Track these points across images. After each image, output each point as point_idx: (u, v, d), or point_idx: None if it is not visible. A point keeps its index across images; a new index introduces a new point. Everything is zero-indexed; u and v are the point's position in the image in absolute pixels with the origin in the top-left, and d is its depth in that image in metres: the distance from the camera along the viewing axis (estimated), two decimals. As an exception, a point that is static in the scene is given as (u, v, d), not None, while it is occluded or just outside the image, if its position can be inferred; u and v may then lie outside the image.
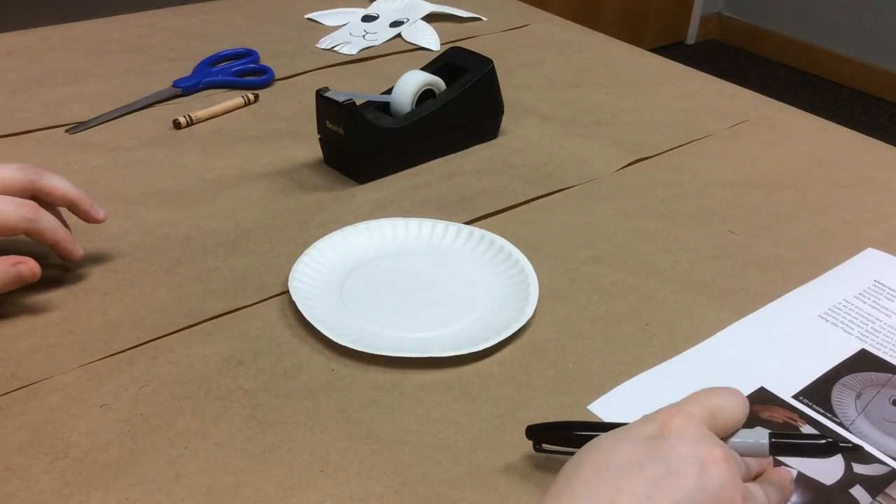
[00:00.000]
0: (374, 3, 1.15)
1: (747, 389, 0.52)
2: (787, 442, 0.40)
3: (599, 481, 0.35)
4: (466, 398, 0.51)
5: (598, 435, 0.40)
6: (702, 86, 0.97)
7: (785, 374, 0.53)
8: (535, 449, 0.45)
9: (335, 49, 1.02)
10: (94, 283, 0.60)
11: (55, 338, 0.55)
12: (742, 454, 0.40)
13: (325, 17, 1.13)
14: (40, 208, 0.56)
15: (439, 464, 0.46)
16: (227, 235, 0.66)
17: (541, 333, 0.56)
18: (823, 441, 0.39)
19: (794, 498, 0.45)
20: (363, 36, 1.06)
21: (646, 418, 0.39)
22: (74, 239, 0.59)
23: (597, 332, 0.57)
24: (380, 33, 1.06)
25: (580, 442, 0.40)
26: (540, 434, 0.45)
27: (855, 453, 0.43)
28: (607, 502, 0.34)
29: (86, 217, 0.60)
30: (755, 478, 0.42)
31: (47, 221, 0.56)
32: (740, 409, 0.40)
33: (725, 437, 0.40)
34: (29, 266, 0.55)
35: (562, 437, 0.44)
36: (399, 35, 1.07)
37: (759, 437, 0.40)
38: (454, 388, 0.52)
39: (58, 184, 0.58)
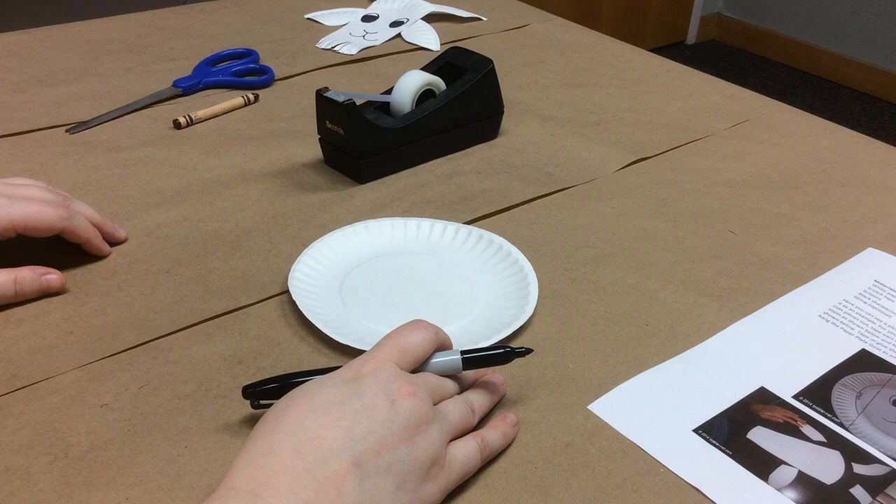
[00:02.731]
0: (374, 3, 1.15)
1: (747, 389, 0.52)
2: (474, 356, 0.48)
3: (307, 419, 0.40)
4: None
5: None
6: (702, 86, 0.97)
7: (785, 374, 0.53)
8: (253, 406, 0.48)
9: (335, 49, 1.02)
10: (94, 283, 0.60)
11: (55, 338, 0.55)
12: (442, 374, 0.47)
13: (325, 17, 1.13)
14: (73, 208, 0.61)
15: (439, 464, 0.46)
16: (227, 235, 0.66)
17: (541, 333, 0.56)
18: (502, 350, 0.48)
19: (795, 498, 0.45)
20: (363, 36, 1.06)
21: (345, 367, 0.44)
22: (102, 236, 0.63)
23: (597, 332, 0.57)
24: (380, 33, 1.06)
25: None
26: (256, 392, 0.47)
27: (529, 353, 0.49)
28: (315, 436, 0.39)
29: (110, 239, 0.64)
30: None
31: (80, 220, 0.60)
32: (426, 340, 0.46)
33: (423, 366, 0.47)
34: (58, 277, 0.59)
35: (277, 391, 0.46)
36: (399, 35, 1.07)
37: (453, 356, 0.47)
38: (454, 387, 0.52)
39: (84, 211, 0.62)
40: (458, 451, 0.44)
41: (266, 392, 0.47)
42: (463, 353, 0.48)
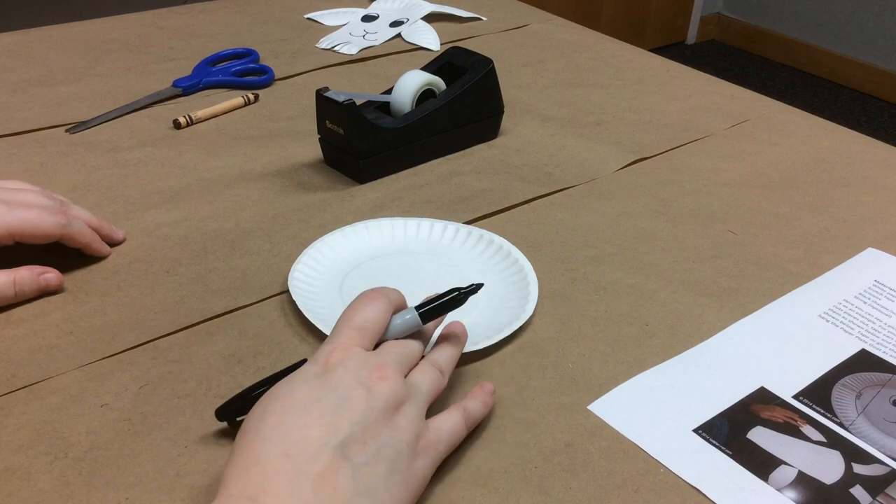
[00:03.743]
0: (374, 3, 1.15)
1: (747, 389, 0.52)
2: (430, 308, 0.48)
3: (287, 422, 0.40)
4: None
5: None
6: (702, 86, 0.97)
7: (785, 374, 0.53)
8: (230, 426, 0.47)
9: (335, 49, 1.02)
10: (93, 283, 0.60)
11: (55, 338, 0.55)
12: (404, 335, 0.48)
13: (325, 17, 1.13)
14: (70, 213, 0.61)
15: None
16: (227, 235, 0.66)
17: (541, 333, 0.56)
18: (454, 293, 0.49)
19: (795, 498, 0.45)
20: (363, 36, 1.06)
21: (310, 362, 0.44)
22: (101, 239, 0.63)
23: (597, 331, 0.57)
24: (380, 33, 1.06)
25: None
26: (228, 412, 0.47)
27: (480, 287, 0.50)
28: (300, 437, 0.39)
29: (108, 241, 0.64)
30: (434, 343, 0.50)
31: (78, 226, 0.60)
32: (381, 311, 0.47)
33: (384, 335, 0.47)
34: (56, 276, 0.59)
35: (247, 404, 0.45)
36: (399, 35, 1.07)
37: (410, 315, 0.48)
38: (454, 387, 0.52)
39: (82, 215, 0.62)
40: (444, 423, 0.45)
41: (238, 409, 0.47)
42: (418, 308, 0.48)
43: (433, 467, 0.43)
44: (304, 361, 0.46)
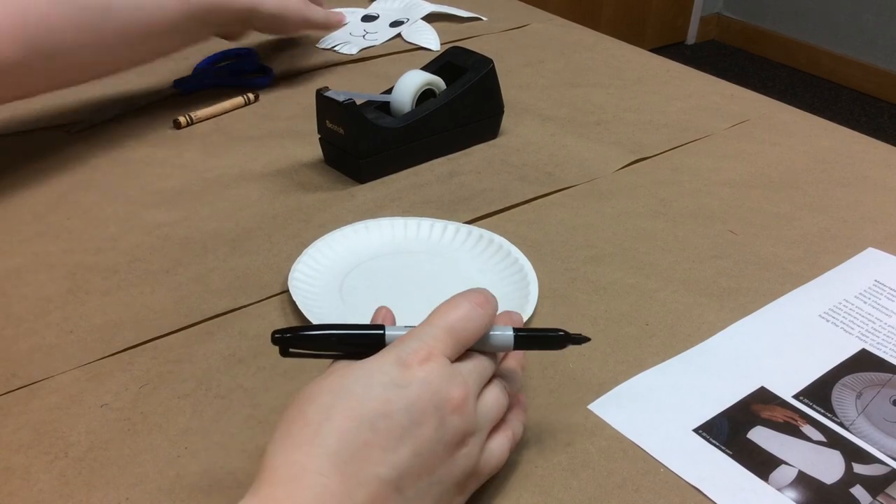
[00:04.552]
0: (374, 3, 1.15)
1: (747, 389, 0.52)
2: (528, 336, 0.45)
3: (351, 432, 0.37)
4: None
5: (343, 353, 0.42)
6: (702, 86, 0.97)
7: (785, 373, 0.53)
8: (282, 354, 0.42)
9: (335, 49, 1.02)
10: (94, 283, 0.60)
11: (55, 337, 0.55)
12: (490, 350, 0.44)
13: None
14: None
15: (439, 463, 0.46)
16: (227, 235, 0.66)
17: (541, 333, 0.56)
18: (558, 334, 0.45)
19: (795, 498, 0.45)
20: (363, 36, 1.06)
21: (393, 352, 0.40)
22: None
23: (597, 331, 0.57)
24: (380, 33, 1.06)
25: (324, 346, 0.42)
26: (286, 341, 0.42)
27: (586, 341, 0.46)
28: (358, 455, 0.37)
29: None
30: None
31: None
32: (483, 327, 0.43)
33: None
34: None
35: (312, 344, 0.42)
36: (399, 35, 1.07)
37: (506, 334, 0.44)
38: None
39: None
40: (494, 455, 0.43)
41: (300, 344, 0.42)
42: (517, 330, 0.44)
43: (468, 496, 0.43)
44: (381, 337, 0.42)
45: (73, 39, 0.66)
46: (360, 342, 0.42)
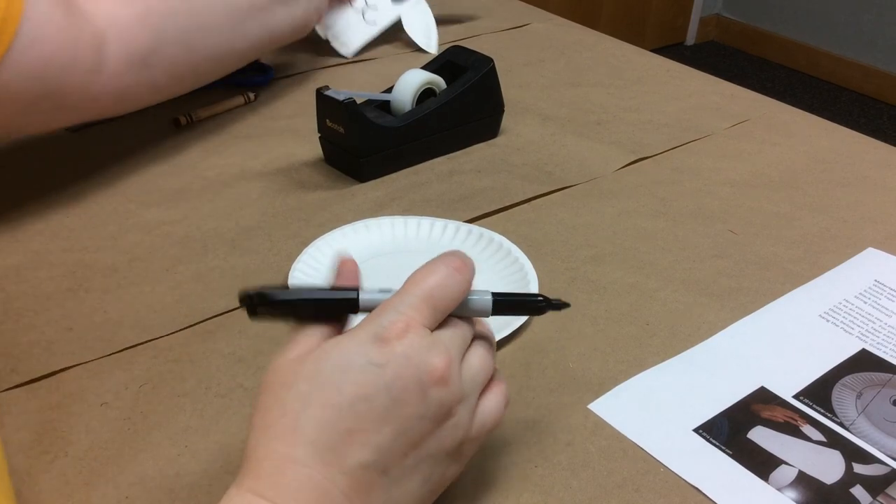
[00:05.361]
0: None
1: (747, 389, 0.52)
2: (507, 300, 0.43)
3: (330, 420, 0.36)
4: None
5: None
6: (702, 86, 0.97)
7: (785, 373, 0.53)
8: (250, 314, 0.40)
9: (331, 40, 1.00)
10: (94, 281, 0.60)
11: (55, 334, 0.55)
12: (467, 315, 0.42)
13: (325, 15, 1.12)
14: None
15: (439, 462, 0.46)
16: (227, 234, 0.66)
17: (541, 333, 0.56)
18: (538, 298, 0.43)
19: (795, 498, 0.45)
20: (362, 15, 1.03)
21: (369, 326, 0.38)
22: None
23: (597, 331, 0.57)
24: (381, 12, 1.03)
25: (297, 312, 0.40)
26: (251, 302, 0.40)
27: (566, 307, 0.44)
28: (341, 442, 0.36)
29: None
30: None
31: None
32: (462, 292, 0.41)
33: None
34: None
35: (279, 309, 0.41)
36: (400, 21, 1.03)
37: (484, 299, 0.42)
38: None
39: None
40: (489, 413, 0.41)
41: (264, 305, 0.40)
42: (496, 295, 0.42)
43: (464, 465, 0.41)
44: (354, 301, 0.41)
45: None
46: (335, 308, 0.41)
